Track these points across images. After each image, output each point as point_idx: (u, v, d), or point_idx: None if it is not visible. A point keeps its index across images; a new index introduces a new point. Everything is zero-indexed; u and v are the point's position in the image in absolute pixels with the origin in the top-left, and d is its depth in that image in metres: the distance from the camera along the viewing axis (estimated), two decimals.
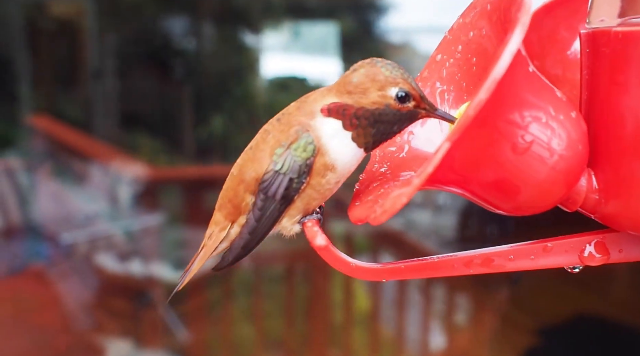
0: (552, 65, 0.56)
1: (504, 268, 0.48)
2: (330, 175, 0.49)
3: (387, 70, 0.47)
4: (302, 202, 0.50)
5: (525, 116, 0.41)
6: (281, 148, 0.48)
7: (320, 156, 0.48)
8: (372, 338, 2.35)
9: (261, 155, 0.49)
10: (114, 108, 3.88)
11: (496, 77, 0.34)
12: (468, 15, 0.50)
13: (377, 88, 0.47)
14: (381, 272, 0.49)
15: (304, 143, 0.48)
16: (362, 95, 0.48)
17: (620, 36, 0.41)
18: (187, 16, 3.82)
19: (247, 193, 0.50)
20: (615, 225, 0.44)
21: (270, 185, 0.49)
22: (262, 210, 0.50)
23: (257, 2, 3.66)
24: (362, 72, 0.48)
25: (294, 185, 0.49)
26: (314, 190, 0.49)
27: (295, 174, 0.48)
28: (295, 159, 0.48)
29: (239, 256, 0.53)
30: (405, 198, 0.38)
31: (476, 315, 2.31)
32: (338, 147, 0.48)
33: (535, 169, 0.42)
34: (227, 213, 0.52)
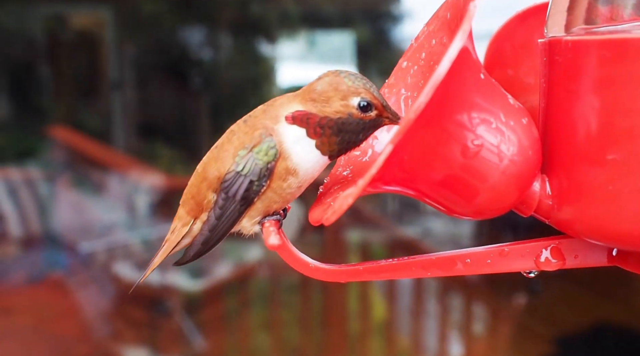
0: (526, 73, 0.56)
1: (462, 272, 0.48)
2: (292, 179, 0.50)
3: (349, 80, 0.48)
4: (262, 203, 0.50)
5: (474, 119, 0.42)
6: (244, 150, 0.49)
7: (282, 160, 0.49)
8: (389, 347, 2.34)
9: (225, 155, 0.50)
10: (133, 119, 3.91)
11: (435, 81, 0.35)
12: (432, 24, 0.51)
13: (340, 97, 0.48)
14: (339, 273, 0.49)
15: (265, 147, 0.49)
16: (326, 104, 0.48)
17: (570, 45, 0.41)
18: (204, 27, 3.86)
19: (209, 191, 0.51)
20: (569, 230, 0.45)
21: (231, 185, 0.49)
22: (222, 209, 0.50)
23: (273, 12, 3.68)
24: (326, 80, 0.49)
25: (254, 187, 0.49)
26: (274, 193, 0.50)
27: (256, 177, 0.49)
28: (256, 162, 0.49)
29: (200, 252, 0.53)
30: (351, 199, 0.38)
31: (493, 324, 2.29)
32: (301, 153, 0.49)
33: (485, 173, 0.42)
34: (190, 209, 0.53)
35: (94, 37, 3.96)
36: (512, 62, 0.58)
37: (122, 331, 2.37)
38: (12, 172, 2.93)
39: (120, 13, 3.87)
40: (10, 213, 2.74)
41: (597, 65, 0.40)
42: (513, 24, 0.57)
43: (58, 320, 2.44)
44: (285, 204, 0.52)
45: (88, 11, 4.00)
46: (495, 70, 0.58)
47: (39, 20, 3.76)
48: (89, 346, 2.34)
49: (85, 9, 3.99)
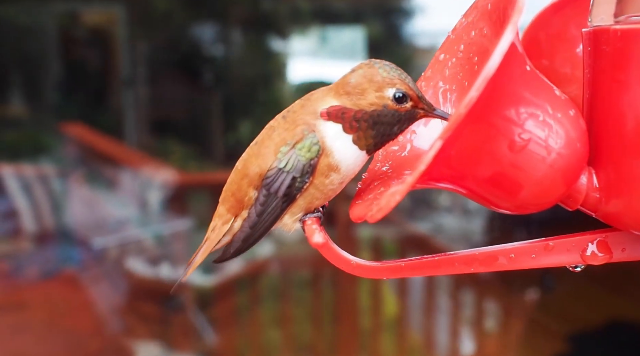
0: (562, 64, 0.56)
1: (505, 267, 0.47)
2: (334, 175, 0.49)
3: (384, 71, 0.48)
4: (304, 200, 0.50)
5: (522, 113, 0.41)
6: (286, 146, 0.49)
7: (324, 157, 0.48)
8: (401, 343, 2.34)
9: (266, 152, 0.50)
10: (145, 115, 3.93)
11: (487, 75, 0.34)
12: (470, 15, 0.50)
13: (375, 89, 0.47)
14: (382, 270, 0.49)
15: (309, 144, 0.48)
16: (360, 96, 0.48)
17: (619, 34, 0.40)
18: (216, 23, 3.86)
19: (250, 188, 0.51)
20: (617, 224, 0.44)
21: (274, 181, 0.49)
22: (263, 205, 0.50)
23: (284, 8, 3.68)
24: (360, 73, 0.48)
25: (297, 184, 0.49)
26: (316, 189, 0.49)
27: (299, 173, 0.48)
28: (299, 158, 0.48)
29: (240, 249, 0.53)
30: (398, 196, 0.38)
31: (505, 321, 2.28)
32: (341, 148, 0.49)
33: (533, 167, 0.42)
34: (230, 207, 0.53)
35: (106, 34, 3.98)
36: (547, 52, 0.57)
37: (135, 326, 2.38)
38: (26, 168, 2.96)
39: (132, 10, 3.88)
40: (25, 209, 2.76)
41: None
42: (548, 13, 0.56)
43: (71, 315, 2.45)
44: (326, 200, 0.51)
45: (101, 8, 4.02)
46: (530, 61, 0.57)
47: (52, 17, 3.79)
48: (102, 341, 2.35)
49: (98, 6, 4.00)
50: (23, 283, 2.64)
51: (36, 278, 2.67)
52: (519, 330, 2.20)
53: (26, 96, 3.83)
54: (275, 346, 2.40)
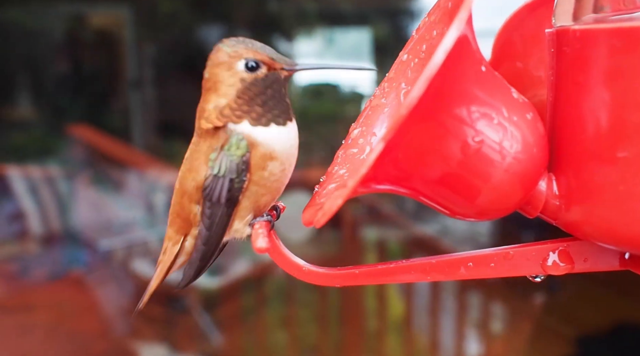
0: (535, 66, 0.54)
1: (464, 276, 0.46)
2: (272, 164, 0.48)
3: (228, 47, 0.47)
4: (249, 200, 0.48)
5: (473, 113, 0.39)
6: (214, 152, 0.47)
7: (255, 150, 0.47)
8: (406, 345, 2.33)
9: (197, 164, 0.48)
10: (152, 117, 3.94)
11: (429, 75, 0.32)
12: (433, 14, 0.48)
13: (226, 69, 0.47)
14: (334, 277, 0.47)
15: (235, 141, 0.47)
16: (221, 84, 0.47)
17: (577, 34, 0.39)
18: (222, 25, 3.86)
19: (192, 204, 0.49)
20: (578, 233, 0.42)
21: (213, 190, 0.48)
22: (210, 217, 0.48)
23: (290, 10, 3.68)
24: (209, 63, 0.48)
25: (236, 185, 0.47)
26: (258, 185, 0.48)
27: (234, 173, 0.47)
28: (231, 159, 0.47)
29: (199, 268, 0.51)
30: (340, 200, 0.36)
31: (512, 323, 2.27)
32: (265, 134, 0.47)
33: (487, 171, 0.40)
34: (178, 228, 0.51)
35: (113, 36, 3.99)
36: (521, 54, 0.55)
37: (141, 328, 2.38)
38: (33, 169, 2.97)
39: (138, 12, 3.89)
40: (31, 210, 2.77)
41: (607, 56, 0.37)
42: (522, 14, 0.54)
43: (77, 317, 2.46)
44: (274, 195, 0.50)
45: (107, 11, 4.03)
46: (503, 63, 0.55)
47: (58, 19, 3.80)
48: (108, 342, 2.35)
49: (105, 8, 4.02)
50: (30, 285, 2.65)
51: (43, 279, 2.68)
52: (525, 333, 2.19)
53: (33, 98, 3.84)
54: (280, 347, 2.40)
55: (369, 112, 0.52)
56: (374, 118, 0.51)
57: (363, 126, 0.51)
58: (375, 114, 0.51)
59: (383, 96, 0.51)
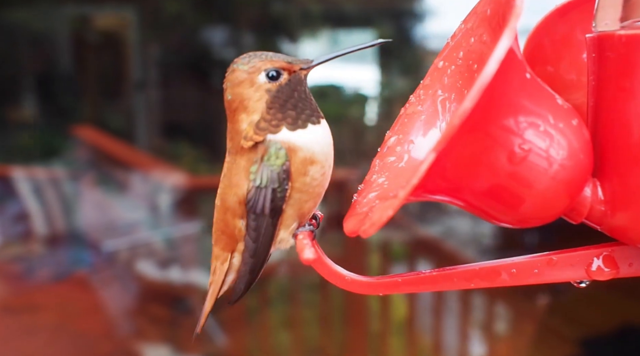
0: (567, 70, 0.54)
1: (507, 283, 0.45)
2: (313, 169, 0.48)
3: (243, 65, 0.47)
4: (292, 208, 0.49)
5: (521, 123, 0.39)
6: (255, 165, 0.48)
7: (294, 155, 0.47)
8: (410, 346, 2.33)
9: (237, 179, 0.49)
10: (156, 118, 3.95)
11: (482, 85, 0.33)
12: (469, 21, 0.48)
13: (249, 86, 0.47)
14: (377, 286, 0.48)
15: (274, 151, 0.47)
16: (248, 101, 0.48)
17: (623, 40, 0.39)
18: (226, 26, 3.87)
19: (236, 219, 0.50)
20: (623, 238, 0.42)
21: (256, 202, 0.48)
22: (256, 230, 0.49)
23: (295, 11, 3.69)
24: (229, 85, 0.48)
25: (279, 195, 0.48)
26: (301, 192, 0.48)
27: (276, 183, 0.47)
28: (271, 169, 0.47)
29: (249, 282, 0.52)
30: (391, 211, 0.36)
31: (516, 324, 2.26)
32: (302, 138, 0.48)
33: (534, 179, 0.40)
34: (225, 245, 0.52)
35: (118, 37, 4.01)
36: (552, 58, 0.55)
37: (145, 328, 2.39)
38: (38, 170, 2.98)
39: (143, 13, 3.90)
40: (36, 211, 2.78)
41: None
42: (553, 18, 0.54)
43: (82, 317, 2.46)
44: (316, 200, 0.50)
45: (112, 12, 4.04)
46: (534, 67, 0.54)
47: (64, 21, 3.81)
48: (112, 343, 2.36)
49: (110, 9, 4.03)
50: (34, 286, 2.66)
51: (47, 280, 2.68)
52: (529, 334, 2.19)
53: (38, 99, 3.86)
54: (284, 348, 2.40)
55: (405, 119, 0.52)
56: (411, 126, 0.51)
57: (399, 134, 0.51)
58: (412, 122, 0.51)
59: (419, 103, 0.51)
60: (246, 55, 0.48)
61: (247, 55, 0.48)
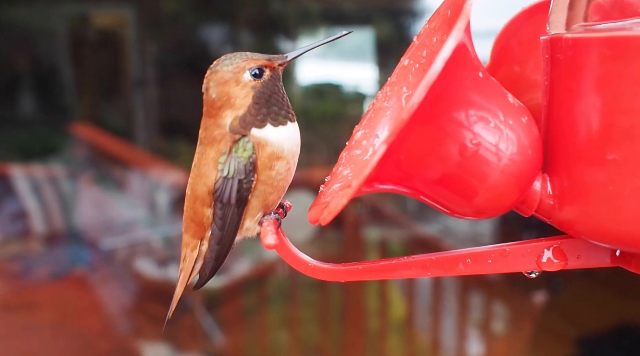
0: (532, 71, 0.56)
1: (463, 272, 0.48)
2: (279, 164, 0.50)
3: (227, 66, 0.50)
4: (257, 199, 0.51)
5: (471, 117, 0.41)
6: (223, 156, 0.50)
7: (262, 150, 0.50)
8: (408, 345, 2.33)
9: (206, 169, 0.51)
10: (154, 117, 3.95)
11: (428, 82, 0.34)
12: (433, 21, 0.50)
13: (235, 84, 0.50)
14: (338, 273, 0.49)
15: (242, 144, 0.50)
16: (234, 99, 0.50)
17: (570, 42, 0.41)
18: (224, 25, 3.87)
19: (204, 208, 0.52)
20: (571, 231, 0.44)
21: (223, 192, 0.50)
22: (222, 218, 0.51)
23: (293, 10, 3.69)
24: (212, 85, 0.50)
25: (245, 185, 0.50)
26: (265, 184, 0.50)
27: (243, 174, 0.50)
28: (238, 161, 0.50)
29: (214, 268, 0.54)
30: (345, 199, 0.38)
31: (514, 323, 2.27)
32: (273, 133, 0.50)
33: (484, 172, 0.42)
34: (194, 232, 0.53)
35: (116, 36, 4.00)
36: (518, 58, 0.57)
37: (143, 327, 2.39)
38: (36, 169, 2.98)
39: (142, 12, 3.90)
40: (34, 209, 2.78)
41: (597, 63, 0.39)
42: (520, 20, 0.56)
43: (80, 316, 2.47)
44: (280, 193, 0.52)
45: (110, 10, 4.04)
46: (502, 67, 0.57)
47: (62, 19, 3.81)
48: (110, 341, 2.36)
49: (108, 8, 4.03)
50: (33, 284, 2.66)
51: (46, 278, 2.69)
52: (527, 333, 2.19)
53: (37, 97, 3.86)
54: (283, 347, 2.40)
55: (372, 114, 0.53)
56: (377, 121, 0.53)
57: (366, 128, 0.53)
58: (378, 117, 0.53)
59: (385, 99, 0.53)
60: (226, 57, 0.50)
61: (226, 56, 0.50)
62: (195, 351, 2.35)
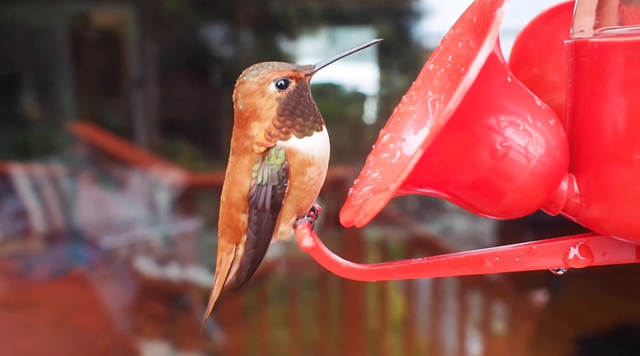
0: (551, 72, 0.57)
1: (491, 270, 0.49)
2: (310, 170, 0.52)
3: (253, 77, 0.51)
4: (291, 204, 0.53)
5: (502, 122, 0.43)
6: (257, 164, 0.52)
7: (293, 157, 0.51)
8: (408, 345, 2.33)
9: (240, 177, 0.53)
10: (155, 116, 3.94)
11: (464, 89, 0.36)
12: (458, 27, 0.52)
13: (261, 96, 0.51)
14: (370, 273, 0.51)
15: (274, 152, 0.51)
16: (260, 111, 0.51)
17: (596, 47, 0.42)
18: (225, 24, 3.87)
19: (240, 214, 0.54)
20: (597, 228, 0.45)
21: (258, 198, 0.52)
22: (257, 223, 0.53)
23: (293, 10, 3.69)
24: (240, 96, 0.52)
25: (278, 191, 0.52)
26: (299, 189, 0.52)
27: (276, 181, 0.52)
28: (272, 168, 0.51)
29: (251, 271, 0.56)
30: (382, 202, 0.40)
31: (513, 323, 2.27)
32: (304, 143, 0.52)
33: (514, 174, 0.43)
34: (230, 237, 0.56)
35: (116, 35, 4.00)
36: (537, 60, 0.58)
37: (143, 325, 2.39)
38: (36, 168, 2.98)
39: (142, 11, 3.89)
40: (35, 208, 2.78)
41: (623, 67, 0.40)
42: (539, 22, 0.57)
43: (80, 314, 2.47)
44: (313, 196, 0.54)
45: (111, 10, 4.04)
46: (521, 69, 0.59)
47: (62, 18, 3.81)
48: (110, 340, 2.36)
49: (108, 7, 4.03)
50: (32, 283, 2.66)
51: (46, 277, 2.69)
52: (526, 333, 2.19)
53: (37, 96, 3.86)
54: (282, 346, 2.40)
55: (398, 118, 0.55)
56: (403, 125, 0.55)
57: (392, 132, 0.55)
58: (404, 121, 0.55)
59: (411, 103, 0.55)
60: (253, 67, 0.52)
61: (254, 67, 0.52)
62: (195, 349, 2.35)
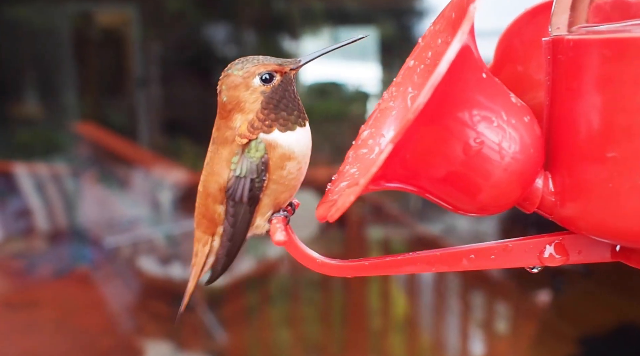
0: (535, 70, 0.57)
1: (467, 267, 0.49)
2: (290, 164, 0.51)
3: (238, 70, 0.50)
4: (269, 198, 0.52)
5: (475, 117, 0.42)
6: (236, 156, 0.51)
7: (274, 151, 0.51)
8: (410, 344, 2.33)
9: (219, 168, 0.52)
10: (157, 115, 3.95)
11: (433, 83, 0.35)
12: (437, 23, 0.51)
13: (245, 89, 0.50)
14: (345, 268, 0.51)
15: (254, 145, 0.51)
16: (244, 104, 0.51)
17: (571, 44, 0.42)
18: (228, 24, 3.87)
19: (216, 205, 0.53)
20: (572, 227, 0.45)
21: (235, 190, 0.52)
22: (234, 215, 0.52)
23: (296, 9, 3.69)
24: (224, 88, 0.51)
25: (257, 184, 0.51)
26: (277, 183, 0.52)
27: (255, 174, 0.51)
28: (251, 160, 0.51)
29: (226, 264, 0.55)
30: (353, 197, 0.39)
31: (516, 323, 2.27)
32: (286, 137, 0.51)
33: (487, 170, 0.43)
34: (205, 228, 0.55)
35: (119, 34, 4.01)
36: (521, 58, 0.58)
37: (146, 325, 2.40)
38: (40, 167, 2.98)
39: (145, 11, 3.90)
40: (38, 207, 2.78)
41: (598, 64, 0.40)
42: (523, 20, 0.57)
43: (83, 313, 2.47)
44: (292, 192, 0.53)
45: (114, 9, 4.05)
46: (505, 67, 0.58)
47: (65, 18, 3.82)
48: (113, 339, 2.37)
49: (111, 6, 4.03)
50: (35, 282, 2.67)
51: (49, 276, 2.69)
52: (529, 333, 2.19)
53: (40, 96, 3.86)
54: (284, 346, 2.41)
55: (378, 114, 0.55)
56: (383, 121, 0.54)
57: (372, 128, 0.54)
58: (384, 117, 0.54)
59: (391, 99, 0.54)
60: (238, 61, 0.51)
61: (239, 60, 0.51)
62: (198, 349, 2.36)
